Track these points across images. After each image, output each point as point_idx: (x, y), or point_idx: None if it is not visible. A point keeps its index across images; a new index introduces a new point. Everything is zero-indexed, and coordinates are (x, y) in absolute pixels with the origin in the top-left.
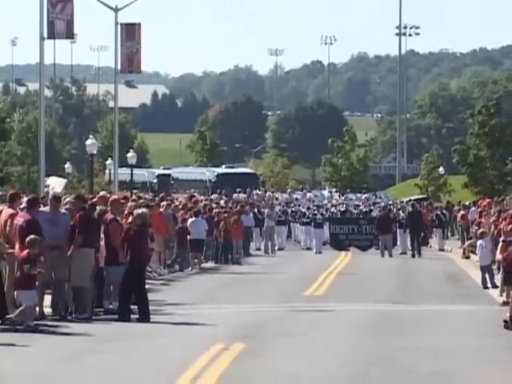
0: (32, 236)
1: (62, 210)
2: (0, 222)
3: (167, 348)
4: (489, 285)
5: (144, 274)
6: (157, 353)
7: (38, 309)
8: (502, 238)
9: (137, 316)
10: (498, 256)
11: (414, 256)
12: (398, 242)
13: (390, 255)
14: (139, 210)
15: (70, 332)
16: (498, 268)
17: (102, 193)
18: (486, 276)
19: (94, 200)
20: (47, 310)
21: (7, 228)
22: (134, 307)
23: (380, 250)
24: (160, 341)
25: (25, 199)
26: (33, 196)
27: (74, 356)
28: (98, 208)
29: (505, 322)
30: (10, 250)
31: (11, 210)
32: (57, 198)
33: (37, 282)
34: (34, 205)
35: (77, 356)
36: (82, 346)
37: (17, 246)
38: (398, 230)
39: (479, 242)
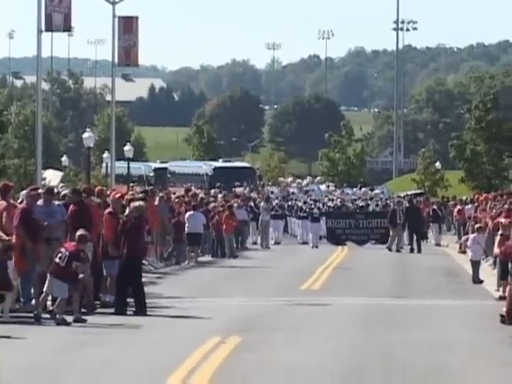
0: (82, 231)
1: (57, 202)
2: None
3: (163, 341)
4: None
5: (140, 267)
6: (153, 345)
7: (33, 301)
8: (500, 232)
9: (133, 309)
10: (496, 250)
11: (412, 251)
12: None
13: (401, 248)
14: (136, 203)
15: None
16: (495, 263)
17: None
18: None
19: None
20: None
21: (3, 220)
22: (131, 300)
23: (389, 244)
24: (156, 334)
25: (23, 192)
26: (31, 187)
27: (70, 348)
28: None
29: (501, 316)
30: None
31: (5, 203)
32: (50, 191)
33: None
34: (30, 195)
35: (72, 348)
36: (77, 339)
37: (13, 237)
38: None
39: (472, 236)
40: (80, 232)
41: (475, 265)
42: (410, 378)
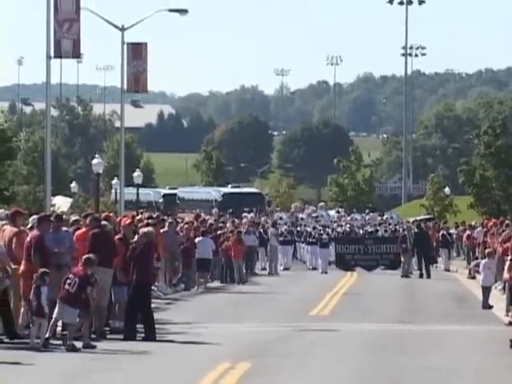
0: (89, 255)
1: (65, 229)
2: (4, 240)
3: (173, 366)
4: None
5: (150, 293)
6: (162, 371)
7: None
8: (510, 257)
9: (142, 335)
10: (506, 275)
11: (421, 276)
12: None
13: (410, 273)
14: (145, 229)
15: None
16: (504, 288)
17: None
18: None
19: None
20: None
21: (13, 245)
22: (140, 326)
23: (402, 271)
24: (166, 359)
25: (33, 217)
26: (43, 214)
27: (78, 374)
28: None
29: (511, 341)
30: (13, 266)
31: (15, 229)
32: (59, 217)
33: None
34: (43, 222)
35: (81, 374)
36: (86, 365)
37: (23, 262)
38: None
39: (484, 262)
40: (87, 256)
41: (486, 290)
42: None
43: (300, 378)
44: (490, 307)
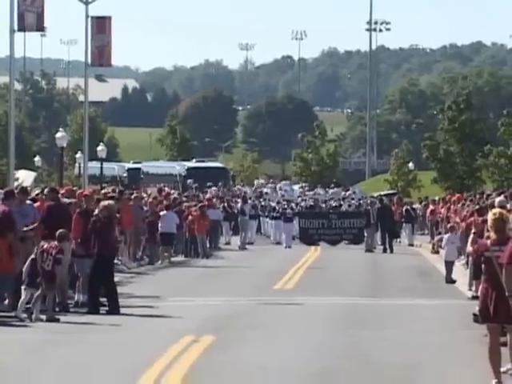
0: (61, 230)
1: (29, 202)
2: None
3: (136, 340)
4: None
5: (112, 267)
6: (126, 345)
7: (7, 301)
8: (473, 231)
9: (106, 308)
10: (469, 248)
11: (385, 251)
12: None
13: (374, 248)
14: (105, 202)
15: (38, 324)
16: (467, 262)
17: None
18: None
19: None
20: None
21: None
22: (104, 299)
23: (366, 245)
24: (129, 333)
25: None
26: (9, 188)
27: (40, 348)
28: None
29: (474, 315)
30: None
31: None
32: (24, 191)
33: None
34: (9, 197)
35: (43, 348)
36: (49, 338)
37: None
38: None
39: (447, 236)
40: (60, 231)
41: (449, 265)
42: (380, 377)
43: (264, 351)
44: (453, 281)
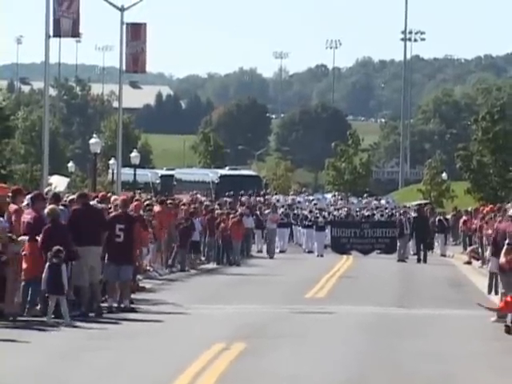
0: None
1: (61, 208)
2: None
3: (167, 347)
4: (493, 291)
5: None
6: (156, 351)
7: (39, 306)
8: (507, 241)
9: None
10: (502, 259)
11: (419, 261)
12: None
13: (407, 258)
14: (50, 206)
15: (70, 329)
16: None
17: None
18: (493, 282)
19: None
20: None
21: (12, 223)
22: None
23: (398, 255)
24: (160, 339)
25: (28, 196)
26: (37, 192)
27: (72, 353)
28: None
29: (506, 326)
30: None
31: (15, 206)
32: (56, 196)
33: None
34: (38, 201)
35: (75, 353)
36: (81, 344)
37: (26, 244)
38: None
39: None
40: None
41: (492, 276)
42: None
43: (295, 359)
44: (497, 293)
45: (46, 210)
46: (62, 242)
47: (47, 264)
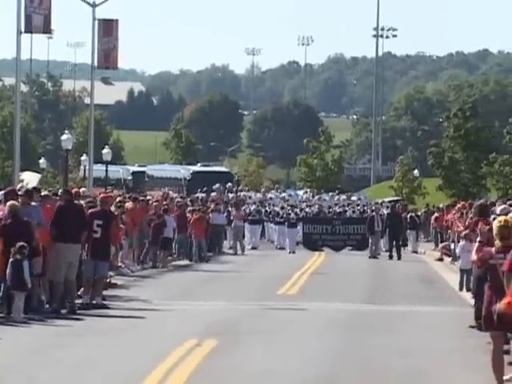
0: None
1: (33, 203)
2: None
3: (139, 343)
4: (464, 288)
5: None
6: (129, 347)
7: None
8: (478, 239)
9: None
10: (474, 256)
11: (391, 258)
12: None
13: (378, 254)
14: (10, 202)
15: (40, 327)
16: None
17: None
18: (464, 279)
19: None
20: None
21: None
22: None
23: (370, 252)
24: (132, 336)
25: (0, 192)
26: (11, 188)
27: (43, 350)
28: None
29: (477, 323)
30: None
31: None
32: (29, 192)
33: None
34: (11, 197)
35: (46, 350)
36: (51, 341)
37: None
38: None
39: (461, 244)
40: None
41: (463, 272)
42: (386, 383)
43: (267, 356)
44: (468, 290)
45: (6, 206)
46: (24, 238)
47: (10, 260)
